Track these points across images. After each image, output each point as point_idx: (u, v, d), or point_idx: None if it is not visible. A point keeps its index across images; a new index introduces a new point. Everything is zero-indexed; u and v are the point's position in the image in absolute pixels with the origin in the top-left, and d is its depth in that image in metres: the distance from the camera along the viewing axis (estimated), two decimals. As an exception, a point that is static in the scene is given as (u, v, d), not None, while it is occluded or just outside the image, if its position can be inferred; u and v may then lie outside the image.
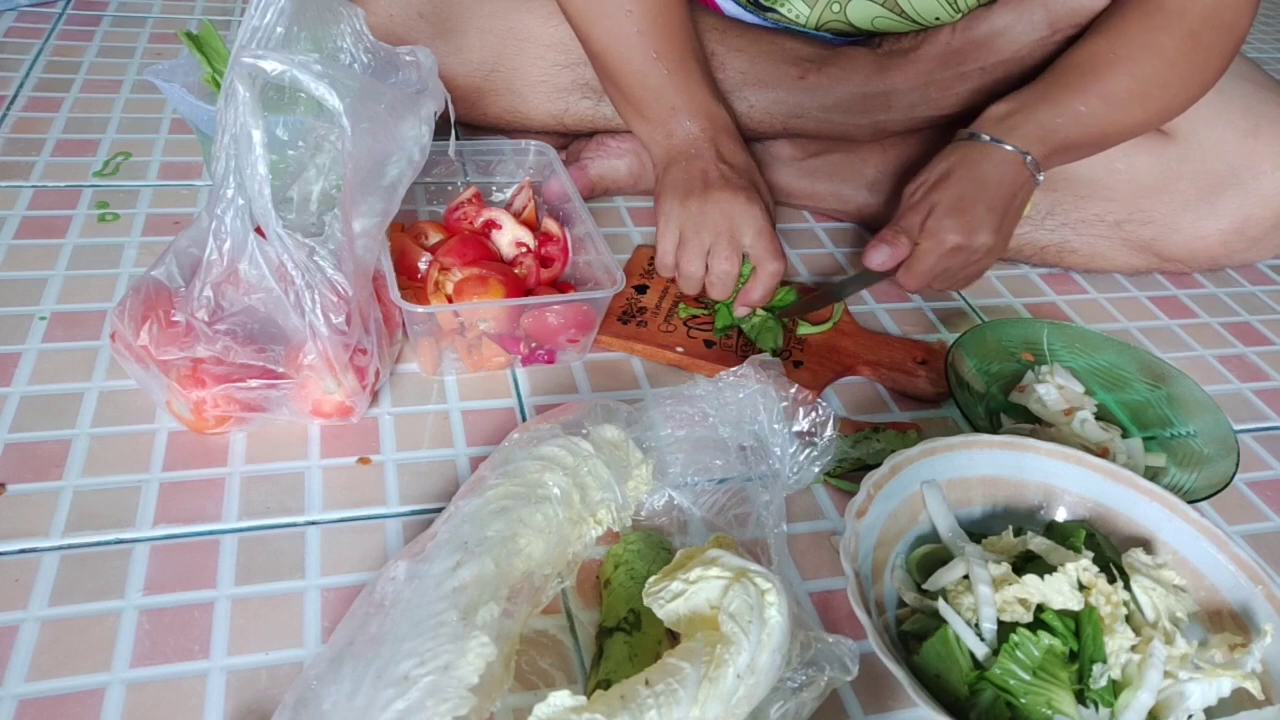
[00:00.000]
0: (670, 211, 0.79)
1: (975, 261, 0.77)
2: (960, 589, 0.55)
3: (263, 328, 0.64)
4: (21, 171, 0.93)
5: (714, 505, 0.65)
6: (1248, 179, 0.86)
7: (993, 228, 0.76)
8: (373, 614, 0.49)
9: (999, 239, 0.77)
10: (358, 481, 0.65)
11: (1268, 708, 0.53)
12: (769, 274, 0.78)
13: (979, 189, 0.76)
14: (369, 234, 0.65)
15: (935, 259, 0.76)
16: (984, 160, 0.77)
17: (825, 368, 0.80)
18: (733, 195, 0.77)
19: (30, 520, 0.60)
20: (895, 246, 0.75)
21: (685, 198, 0.78)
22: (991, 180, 0.76)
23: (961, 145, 0.79)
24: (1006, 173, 0.77)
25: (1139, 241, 0.92)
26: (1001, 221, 0.77)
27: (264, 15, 0.59)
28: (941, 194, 0.76)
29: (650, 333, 0.81)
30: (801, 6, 0.88)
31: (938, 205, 0.76)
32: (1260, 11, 1.93)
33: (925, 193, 0.78)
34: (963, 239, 0.75)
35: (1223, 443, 0.71)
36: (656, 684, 0.45)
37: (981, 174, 0.76)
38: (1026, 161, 0.77)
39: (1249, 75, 0.89)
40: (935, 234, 0.75)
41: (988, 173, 0.76)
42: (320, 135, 0.66)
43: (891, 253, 0.75)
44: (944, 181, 0.77)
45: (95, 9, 1.29)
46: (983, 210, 0.75)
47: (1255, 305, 1.00)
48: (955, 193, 0.76)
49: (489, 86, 0.92)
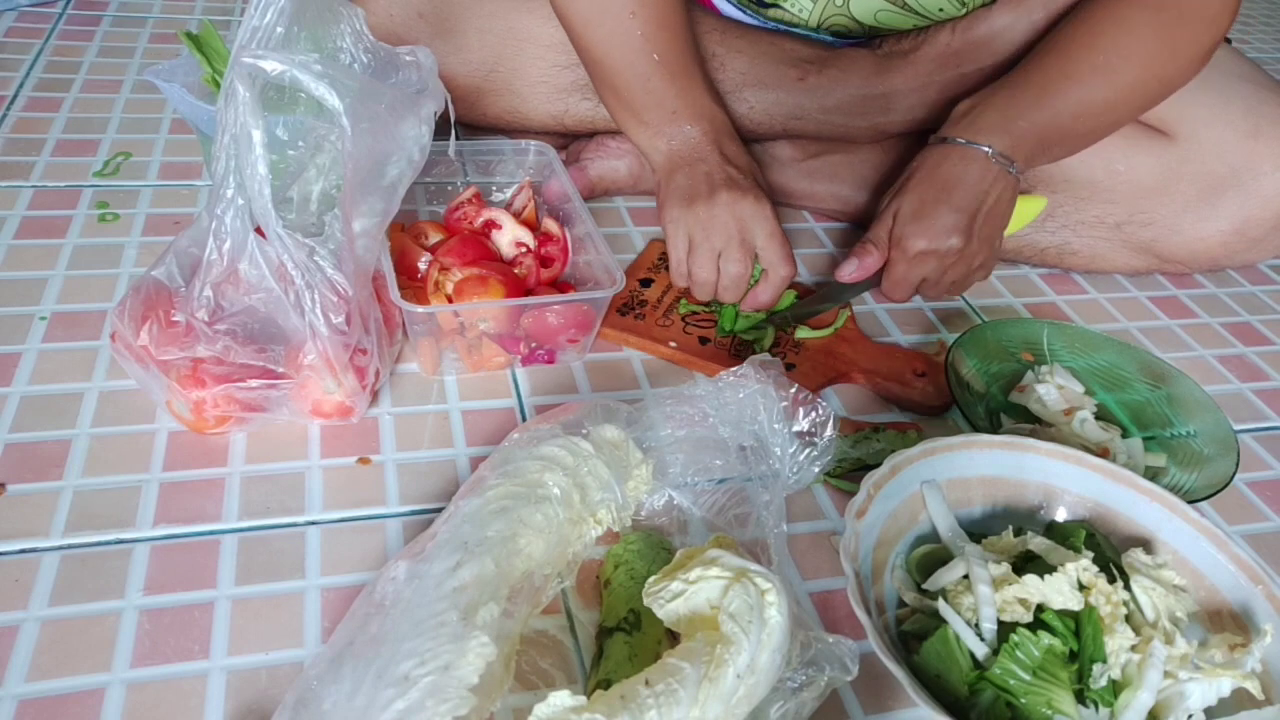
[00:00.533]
0: (678, 219, 0.78)
1: (954, 265, 0.76)
2: (960, 589, 0.55)
3: (263, 328, 0.64)
4: (22, 171, 0.93)
5: (714, 505, 0.65)
6: (1248, 180, 0.86)
7: (962, 229, 0.74)
8: (373, 614, 0.49)
9: (977, 241, 0.76)
10: (358, 481, 0.65)
11: (1268, 708, 0.53)
12: (780, 278, 0.78)
13: (940, 191, 0.75)
14: (369, 234, 0.65)
15: (905, 267, 0.76)
16: (944, 161, 0.76)
17: (817, 372, 0.80)
18: (740, 196, 0.77)
19: (30, 520, 0.60)
20: (863, 258, 0.76)
21: (691, 203, 0.77)
22: (953, 180, 0.75)
23: (927, 150, 0.79)
24: (970, 171, 0.75)
25: (1139, 243, 0.92)
26: (972, 222, 0.75)
27: (264, 15, 0.59)
28: (903, 200, 0.76)
29: (646, 326, 0.81)
30: (805, 2, 0.88)
31: (899, 212, 0.76)
32: (1260, 12, 1.93)
33: (890, 198, 0.78)
34: (927, 243, 0.74)
35: (1223, 443, 0.71)
36: (656, 684, 0.45)
37: (943, 175, 0.76)
38: (990, 155, 0.75)
39: (1249, 76, 0.89)
40: (899, 242, 0.75)
41: (949, 172, 0.75)
42: (320, 135, 0.66)
43: (860, 264, 0.76)
44: (905, 187, 0.77)
45: (95, 9, 1.29)
46: (946, 212, 0.74)
47: (1255, 305, 1.00)
48: (915, 197, 0.75)
49: (489, 87, 0.92)
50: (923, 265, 0.76)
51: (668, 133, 0.81)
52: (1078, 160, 0.90)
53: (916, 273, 0.76)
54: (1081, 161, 0.89)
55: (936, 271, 0.77)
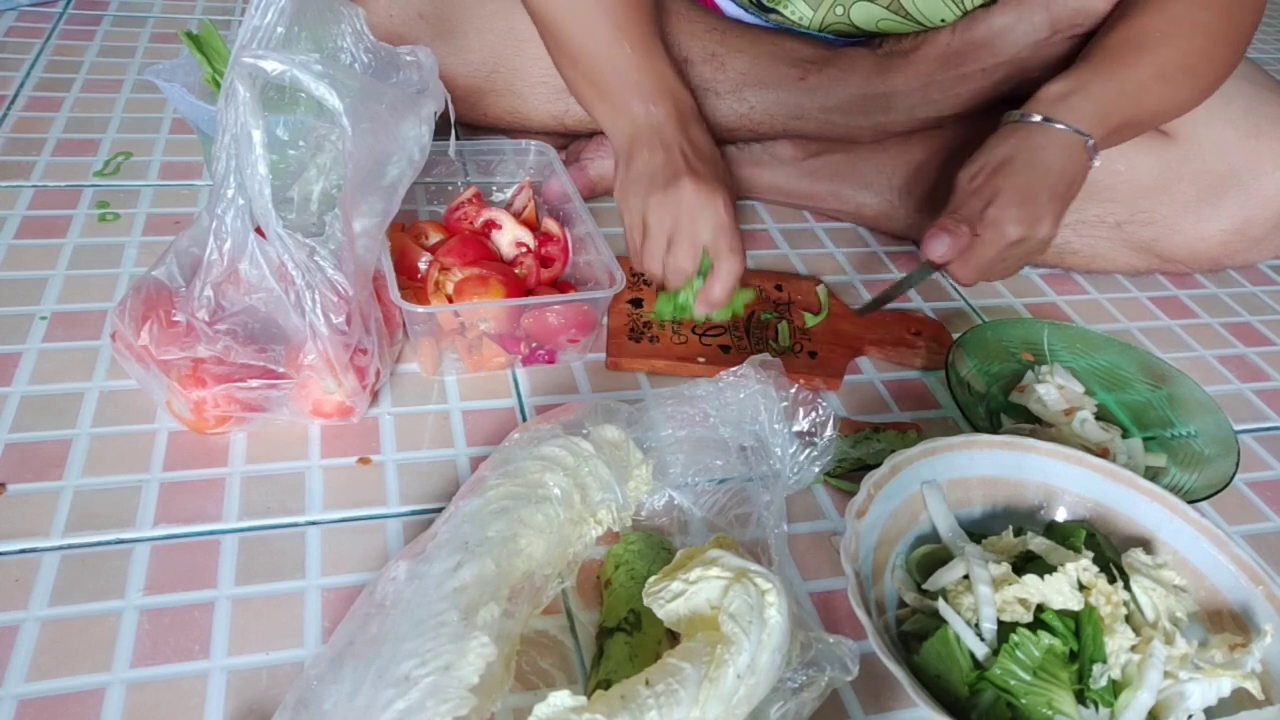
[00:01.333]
0: (634, 206, 0.76)
1: (1031, 254, 0.75)
2: (960, 589, 0.55)
3: (263, 328, 0.64)
4: (22, 171, 0.93)
5: (714, 505, 0.65)
6: (1249, 179, 0.86)
7: (1054, 217, 0.73)
8: (373, 614, 0.49)
9: (1056, 227, 0.74)
10: (358, 481, 0.65)
11: (1268, 708, 0.53)
12: (727, 272, 0.74)
13: (1043, 176, 0.72)
14: (369, 234, 0.65)
15: (996, 251, 0.72)
16: (1047, 145, 0.74)
17: (838, 354, 0.81)
18: (695, 188, 0.74)
19: (30, 520, 0.60)
20: (956, 236, 0.71)
21: (648, 191, 0.75)
22: (1055, 167, 0.73)
23: (1020, 128, 0.75)
24: (1070, 158, 0.73)
25: (1140, 242, 0.92)
26: (1064, 210, 0.74)
27: (264, 15, 0.59)
28: (1004, 180, 0.72)
29: (665, 347, 0.79)
30: (804, 8, 0.87)
31: (1000, 193, 0.72)
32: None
33: (986, 178, 0.74)
34: (1025, 230, 0.71)
35: (1223, 443, 0.71)
36: (657, 684, 0.45)
37: (1045, 160, 0.73)
38: (1088, 145, 0.74)
39: (1249, 75, 0.89)
40: (998, 224, 0.71)
41: (1051, 159, 0.73)
42: (320, 135, 0.66)
43: (952, 243, 0.71)
44: (1005, 167, 0.73)
45: (96, 9, 1.29)
46: (1046, 199, 0.72)
47: (1256, 305, 1.00)
48: (1019, 181, 0.72)
49: (489, 87, 0.92)
50: (1012, 251, 0.73)
51: (630, 110, 0.78)
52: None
53: (1001, 257, 0.73)
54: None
55: (1017, 258, 0.74)
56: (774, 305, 0.86)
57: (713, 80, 0.90)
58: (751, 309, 0.85)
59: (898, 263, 0.98)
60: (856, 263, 0.97)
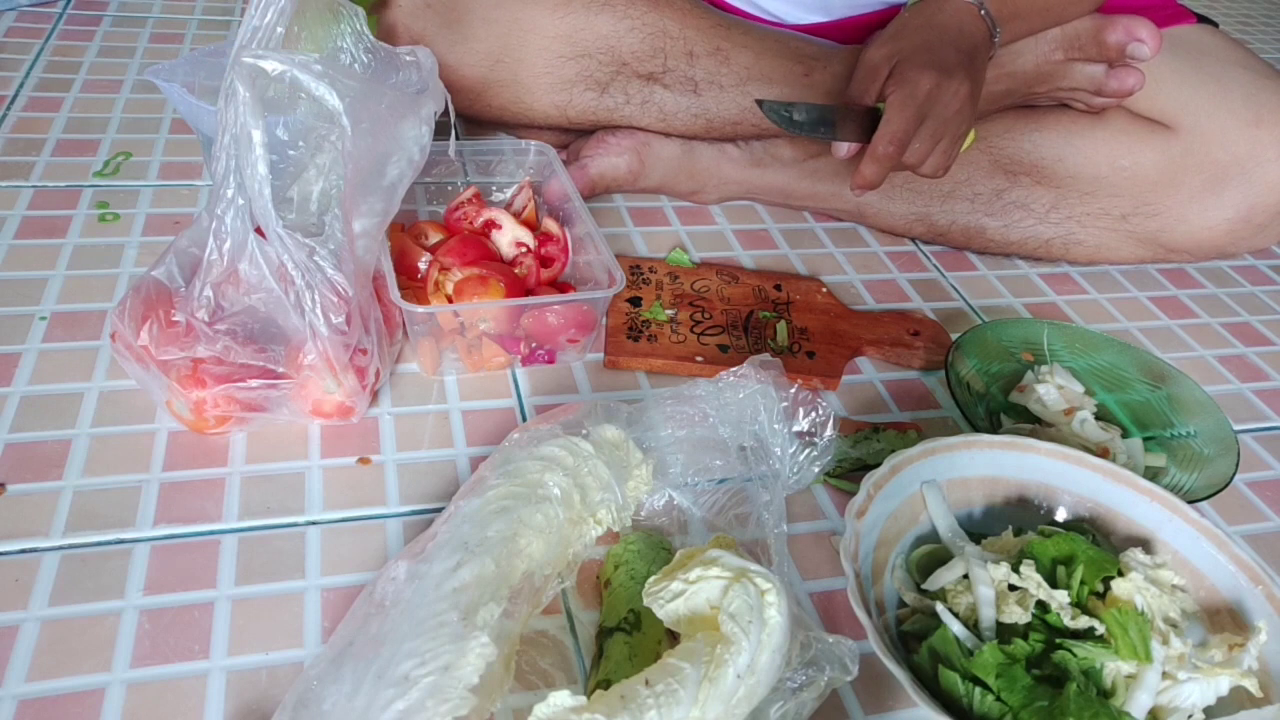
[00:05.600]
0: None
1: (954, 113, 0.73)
2: (960, 589, 0.55)
3: (263, 328, 0.64)
4: (22, 171, 0.93)
5: (714, 505, 0.65)
6: (1252, 168, 0.87)
7: (965, 70, 0.73)
8: (373, 614, 0.49)
9: (974, 86, 0.74)
10: (358, 481, 0.65)
11: (1267, 707, 0.53)
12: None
13: (940, 34, 0.74)
14: (369, 234, 0.65)
15: (915, 107, 0.71)
16: (940, 11, 0.76)
17: (838, 354, 0.81)
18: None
19: (30, 520, 0.60)
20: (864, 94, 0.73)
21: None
22: (952, 27, 0.75)
23: (913, 5, 0.78)
24: (965, 21, 0.75)
25: (1145, 233, 0.93)
26: (971, 68, 0.74)
27: (264, 15, 0.59)
28: (904, 42, 0.74)
29: (664, 346, 0.79)
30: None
31: (902, 52, 0.73)
32: (1260, 12, 1.93)
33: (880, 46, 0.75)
34: (937, 76, 0.71)
35: (1223, 443, 0.71)
36: (656, 684, 0.45)
37: (941, 21, 0.75)
38: (981, 13, 0.76)
39: (1248, 64, 0.89)
40: (907, 77, 0.71)
41: (947, 20, 0.75)
42: (320, 135, 0.66)
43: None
44: (903, 32, 0.75)
45: (95, 9, 1.29)
46: (951, 52, 0.73)
47: (1255, 305, 1.00)
48: (919, 39, 0.74)
49: (494, 77, 0.92)
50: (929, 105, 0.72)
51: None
52: (1082, 157, 0.90)
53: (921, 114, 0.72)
54: (1086, 158, 0.89)
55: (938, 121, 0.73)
56: (773, 305, 0.86)
57: (717, 74, 0.91)
58: (751, 309, 0.85)
59: (898, 263, 0.98)
60: (856, 263, 0.97)
